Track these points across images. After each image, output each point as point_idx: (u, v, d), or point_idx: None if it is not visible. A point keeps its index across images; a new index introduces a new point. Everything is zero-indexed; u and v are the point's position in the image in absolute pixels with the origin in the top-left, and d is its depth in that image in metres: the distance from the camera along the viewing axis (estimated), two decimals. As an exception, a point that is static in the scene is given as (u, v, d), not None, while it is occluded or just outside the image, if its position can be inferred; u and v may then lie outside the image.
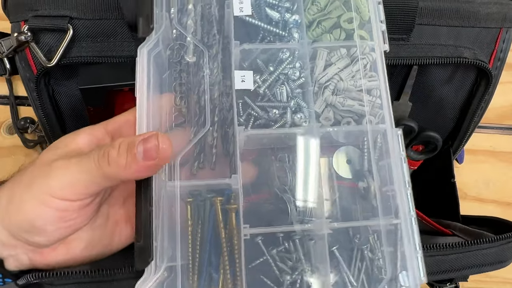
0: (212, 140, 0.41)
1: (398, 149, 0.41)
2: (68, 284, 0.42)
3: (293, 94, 0.43)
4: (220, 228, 0.39)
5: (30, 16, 0.49)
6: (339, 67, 0.43)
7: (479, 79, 0.57)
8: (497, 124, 0.74)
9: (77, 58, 0.49)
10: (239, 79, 0.41)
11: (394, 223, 0.40)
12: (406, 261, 0.40)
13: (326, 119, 0.43)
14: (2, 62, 0.53)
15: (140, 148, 0.36)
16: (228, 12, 0.43)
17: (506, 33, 0.55)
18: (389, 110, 0.42)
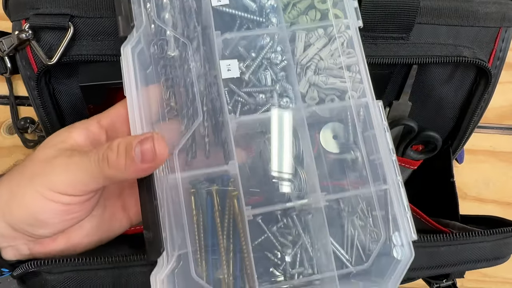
0: (204, 130, 0.42)
1: (380, 120, 0.44)
2: (66, 271, 0.43)
3: (277, 78, 0.44)
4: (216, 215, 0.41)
5: (31, 14, 0.49)
6: (318, 47, 0.45)
7: (478, 78, 0.57)
8: (497, 124, 0.75)
9: (78, 56, 0.50)
10: (225, 68, 0.42)
11: (383, 189, 0.43)
12: (397, 222, 0.43)
13: (311, 99, 0.45)
14: (3, 61, 0.53)
15: (138, 150, 0.38)
16: (206, 3, 0.43)
17: (505, 32, 0.55)
18: (368, 84, 0.44)
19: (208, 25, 0.43)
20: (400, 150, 0.64)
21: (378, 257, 0.43)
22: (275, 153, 0.44)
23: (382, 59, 0.52)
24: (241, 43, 0.44)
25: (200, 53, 0.43)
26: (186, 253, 0.39)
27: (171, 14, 0.43)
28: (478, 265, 0.50)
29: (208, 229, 0.41)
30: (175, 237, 0.39)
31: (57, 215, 0.40)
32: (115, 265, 0.43)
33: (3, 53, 0.51)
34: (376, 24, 0.52)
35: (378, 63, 0.52)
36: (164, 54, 0.43)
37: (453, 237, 0.48)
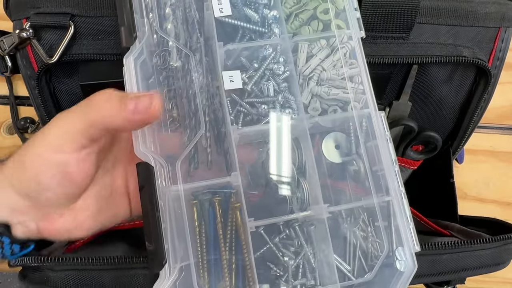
0: (206, 140, 0.42)
1: (383, 130, 0.44)
2: (68, 270, 0.43)
3: (280, 88, 0.44)
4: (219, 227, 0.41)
5: (32, 14, 0.49)
6: (321, 58, 0.45)
7: (478, 78, 0.58)
8: (497, 124, 0.75)
9: (78, 55, 0.50)
10: (227, 80, 0.42)
11: (386, 200, 0.43)
12: (400, 234, 0.43)
13: (314, 110, 0.45)
14: (4, 60, 0.53)
15: (133, 97, 0.38)
16: (209, 14, 0.43)
17: (504, 32, 0.55)
18: (371, 94, 0.44)
19: (211, 36, 0.43)
20: (400, 150, 0.64)
21: (381, 269, 0.43)
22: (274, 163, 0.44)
23: (382, 59, 0.53)
24: (243, 54, 0.44)
25: (203, 64, 0.43)
26: (188, 265, 0.39)
27: (173, 24, 0.43)
28: (479, 272, 0.50)
29: (211, 241, 0.41)
30: (177, 249, 0.39)
31: (55, 175, 0.40)
32: (117, 266, 0.44)
33: (3, 52, 0.51)
34: (376, 23, 0.52)
35: (378, 62, 0.53)
36: (167, 65, 0.43)
37: (454, 245, 0.48)
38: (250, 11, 0.45)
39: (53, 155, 0.40)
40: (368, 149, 0.44)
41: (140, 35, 0.41)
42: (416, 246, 0.42)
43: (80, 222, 0.44)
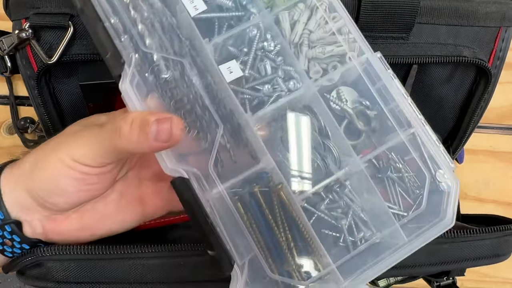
0: (223, 138, 0.42)
1: (384, 69, 0.45)
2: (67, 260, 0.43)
3: (276, 64, 0.44)
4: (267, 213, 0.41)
5: (31, 14, 0.49)
6: (304, 22, 0.45)
7: (478, 78, 0.57)
8: (497, 124, 0.75)
9: (78, 55, 0.50)
10: (227, 72, 0.42)
11: (411, 132, 0.44)
12: (435, 159, 0.44)
13: (315, 72, 0.45)
14: (3, 60, 0.53)
15: (154, 128, 0.38)
16: (184, 15, 0.43)
17: (505, 32, 0.55)
18: (362, 40, 0.45)
19: (193, 37, 0.43)
20: (400, 150, 0.64)
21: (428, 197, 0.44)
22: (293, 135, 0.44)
23: (382, 59, 0.53)
24: (228, 43, 0.44)
25: (197, 65, 0.43)
26: (253, 257, 0.40)
27: (154, 38, 0.42)
28: (479, 263, 0.50)
29: (263, 228, 0.41)
30: (239, 246, 0.40)
31: (75, 182, 0.41)
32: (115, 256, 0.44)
33: (3, 52, 0.51)
34: (376, 23, 0.52)
35: (378, 63, 0.53)
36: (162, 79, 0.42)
37: (455, 235, 0.48)
38: None
39: (77, 164, 0.40)
40: (378, 91, 0.45)
41: (127, 59, 0.40)
42: (451, 164, 0.44)
43: (86, 225, 0.44)
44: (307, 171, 0.44)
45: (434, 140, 0.44)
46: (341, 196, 0.44)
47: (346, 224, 0.44)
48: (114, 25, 0.40)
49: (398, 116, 0.45)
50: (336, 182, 0.44)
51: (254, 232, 0.40)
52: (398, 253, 0.42)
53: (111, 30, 0.40)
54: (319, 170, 0.44)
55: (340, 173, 0.44)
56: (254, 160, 0.42)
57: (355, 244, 0.43)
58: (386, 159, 0.46)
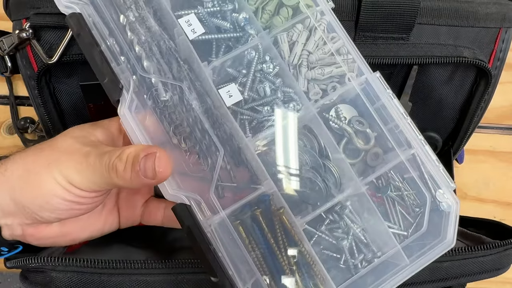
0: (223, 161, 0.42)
1: (383, 89, 0.44)
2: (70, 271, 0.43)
3: (276, 86, 0.44)
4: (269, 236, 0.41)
5: (32, 14, 0.49)
6: (303, 43, 0.45)
7: (478, 79, 0.57)
8: (497, 124, 0.74)
9: (78, 55, 0.50)
10: (226, 96, 0.42)
11: (411, 153, 0.44)
12: (435, 179, 0.44)
13: (315, 94, 0.45)
14: (4, 60, 0.53)
15: (142, 165, 0.38)
16: (182, 39, 0.43)
17: (505, 33, 0.55)
18: (361, 60, 0.45)
19: (192, 60, 0.43)
20: (400, 150, 0.64)
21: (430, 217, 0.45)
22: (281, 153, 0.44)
23: (382, 60, 0.53)
24: (226, 64, 0.44)
25: (196, 89, 0.43)
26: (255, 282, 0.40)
27: (152, 61, 0.42)
28: (480, 277, 0.50)
29: (265, 252, 0.41)
30: (241, 271, 0.40)
31: (68, 203, 0.41)
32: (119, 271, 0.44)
33: (3, 52, 0.51)
34: (376, 24, 0.52)
35: (378, 63, 0.53)
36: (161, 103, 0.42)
37: (455, 253, 0.48)
38: (219, 21, 0.44)
39: (73, 188, 0.41)
40: (377, 111, 0.45)
41: (125, 83, 0.40)
42: (452, 184, 0.44)
43: (67, 232, 0.45)
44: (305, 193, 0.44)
45: (434, 160, 0.44)
46: (341, 217, 0.45)
47: (347, 245, 0.44)
48: (110, 48, 0.41)
49: (398, 136, 0.45)
50: (337, 203, 0.44)
51: (256, 256, 0.40)
52: (400, 275, 0.42)
53: (107, 53, 0.40)
54: (320, 193, 0.44)
55: (342, 196, 0.43)
56: (255, 184, 0.42)
57: (357, 266, 0.44)
58: (386, 177, 0.46)
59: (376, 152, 0.45)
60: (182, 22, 0.42)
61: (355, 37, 0.53)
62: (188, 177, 0.42)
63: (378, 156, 0.45)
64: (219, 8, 0.44)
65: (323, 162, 0.44)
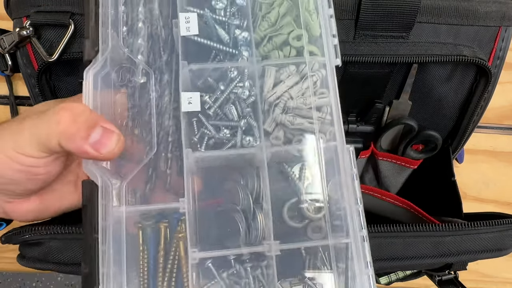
0: (165, 163, 0.41)
1: (349, 166, 0.40)
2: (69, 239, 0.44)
3: (244, 113, 0.42)
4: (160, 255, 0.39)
5: (32, 12, 0.49)
6: (288, 85, 0.43)
7: (478, 77, 0.57)
8: (497, 124, 0.75)
9: (78, 53, 0.50)
10: (185, 101, 0.41)
11: (345, 242, 0.40)
12: (355, 279, 0.39)
13: (276, 138, 0.42)
14: (4, 58, 0.53)
15: (97, 135, 0.36)
16: (176, 32, 0.42)
17: (505, 31, 0.55)
18: (339, 126, 0.41)
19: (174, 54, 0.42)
20: (400, 150, 0.64)
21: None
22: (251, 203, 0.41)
23: (382, 58, 0.53)
24: (212, 75, 0.43)
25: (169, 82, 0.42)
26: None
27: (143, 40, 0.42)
28: (481, 256, 0.50)
29: (150, 269, 0.39)
30: (115, 275, 0.37)
31: (21, 174, 0.39)
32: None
33: (4, 50, 0.51)
34: (376, 22, 0.52)
35: (378, 62, 0.53)
36: (132, 82, 0.41)
37: (458, 227, 0.48)
38: (222, 30, 0.43)
39: (19, 156, 0.39)
40: (331, 186, 0.41)
41: (104, 48, 0.40)
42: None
43: (47, 204, 0.44)
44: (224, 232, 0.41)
45: (367, 262, 0.39)
46: (248, 275, 0.40)
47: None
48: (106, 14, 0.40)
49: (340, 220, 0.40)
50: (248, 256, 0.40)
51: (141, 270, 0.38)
52: None
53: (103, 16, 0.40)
54: (237, 235, 0.40)
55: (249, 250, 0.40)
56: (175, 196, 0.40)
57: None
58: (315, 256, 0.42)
59: (320, 226, 0.41)
60: (182, 16, 0.42)
61: (355, 35, 0.53)
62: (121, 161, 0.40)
63: (321, 230, 0.41)
64: (227, 19, 0.43)
65: (254, 208, 0.41)
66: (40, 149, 0.38)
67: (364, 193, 0.63)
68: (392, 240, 0.49)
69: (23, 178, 0.40)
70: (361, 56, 0.52)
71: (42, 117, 0.38)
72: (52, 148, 0.38)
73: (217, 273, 0.40)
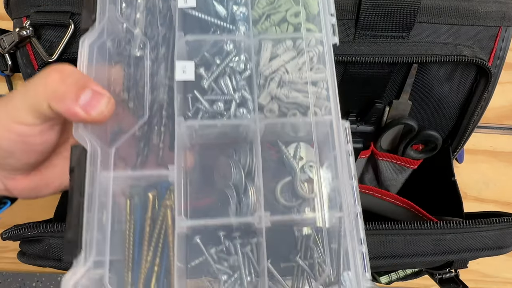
0: (158, 135, 0.40)
1: (344, 142, 0.39)
2: None
3: (238, 87, 0.42)
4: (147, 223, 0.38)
5: (32, 12, 0.49)
6: (285, 60, 0.43)
7: (478, 77, 0.58)
8: (497, 124, 0.75)
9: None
10: (180, 70, 0.40)
11: (337, 216, 0.39)
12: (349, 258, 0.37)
13: (270, 111, 0.42)
14: (4, 58, 0.53)
15: (87, 97, 0.36)
16: (174, 4, 0.42)
17: (505, 31, 0.55)
18: (335, 101, 0.40)
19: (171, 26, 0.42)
20: (400, 149, 0.64)
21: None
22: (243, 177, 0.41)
23: (382, 58, 0.53)
24: (210, 50, 0.42)
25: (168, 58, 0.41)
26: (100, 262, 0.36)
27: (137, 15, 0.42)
28: (482, 254, 0.50)
29: (136, 238, 0.38)
30: (96, 241, 0.36)
31: (17, 144, 0.39)
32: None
33: (4, 50, 0.51)
34: (376, 22, 0.52)
35: (378, 61, 0.53)
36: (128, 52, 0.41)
37: (459, 225, 0.48)
38: (219, 5, 0.43)
39: (15, 125, 0.38)
40: (325, 161, 0.40)
41: (101, 18, 0.39)
42: (367, 273, 0.37)
43: (48, 180, 0.43)
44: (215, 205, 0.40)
45: (360, 239, 0.37)
46: (237, 252, 0.40)
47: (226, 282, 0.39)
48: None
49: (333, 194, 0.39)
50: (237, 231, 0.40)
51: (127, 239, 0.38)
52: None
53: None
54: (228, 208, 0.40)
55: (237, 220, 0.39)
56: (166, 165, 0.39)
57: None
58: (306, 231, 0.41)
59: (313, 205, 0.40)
60: None
61: (355, 35, 0.53)
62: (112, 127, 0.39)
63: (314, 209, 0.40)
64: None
65: (246, 182, 0.40)
66: (32, 115, 0.37)
67: (364, 193, 0.63)
68: (393, 238, 0.50)
69: (20, 149, 0.39)
70: (361, 56, 0.52)
71: (32, 81, 0.37)
72: (43, 111, 0.37)
73: (205, 249, 0.39)
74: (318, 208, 0.39)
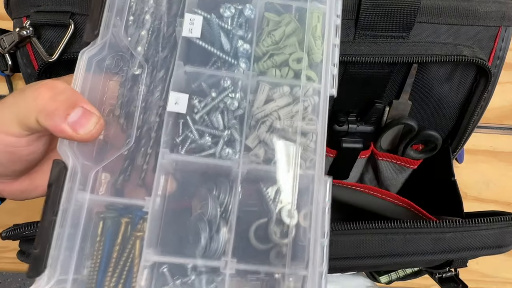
0: (144, 156, 0.41)
1: (322, 198, 0.39)
2: None
3: (229, 125, 0.42)
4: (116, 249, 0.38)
5: (32, 12, 0.49)
6: (279, 105, 0.42)
7: (478, 77, 0.58)
8: (497, 124, 0.75)
9: (78, 53, 0.50)
10: (173, 101, 0.40)
11: (301, 275, 0.38)
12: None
13: (256, 156, 0.42)
14: (4, 58, 0.53)
15: (76, 114, 0.36)
16: (179, 31, 0.42)
17: (505, 31, 0.55)
18: (322, 156, 0.40)
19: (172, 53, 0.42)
20: (400, 150, 0.64)
21: None
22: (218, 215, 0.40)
23: (382, 58, 0.53)
24: (208, 81, 0.42)
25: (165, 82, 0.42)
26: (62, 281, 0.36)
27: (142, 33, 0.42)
28: (482, 252, 0.50)
29: (102, 263, 0.38)
30: (64, 259, 0.36)
31: (3, 154, 0.39)
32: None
33: (4, 50, 0.51)
34: (376, 22, 0.52)
35: (378, 61, 0.53)
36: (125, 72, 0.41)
37: (458, 224, 0.48)
38: (225, 38, 0.43)
39: (1, 135, 0.38)
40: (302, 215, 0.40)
41: (104, 33, 0.40)
42: None
43: (37, 184, 0.44)
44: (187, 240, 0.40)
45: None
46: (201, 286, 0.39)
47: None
48: None
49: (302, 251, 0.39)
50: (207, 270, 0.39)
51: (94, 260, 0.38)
52: None
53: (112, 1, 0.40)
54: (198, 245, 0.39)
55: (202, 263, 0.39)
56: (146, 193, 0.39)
57: None
58: None
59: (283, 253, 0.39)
60: (187, 16, 0.41)
61: (355, 35, 0.53)
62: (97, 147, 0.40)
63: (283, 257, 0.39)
64: (232, 28, 0.43)
65: (220, 220, 0.40)
66: (20, 127, 0.38)
67: (364, 193, 0.63)
68: (393, 237, 0.50)
69: (6, 159, 0.39)
70: (361, 56, 0.52)
71: (22, 94, 0.37)
72: (30, 125, 0.37)
73: (172, 279, 0.39)
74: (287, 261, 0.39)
